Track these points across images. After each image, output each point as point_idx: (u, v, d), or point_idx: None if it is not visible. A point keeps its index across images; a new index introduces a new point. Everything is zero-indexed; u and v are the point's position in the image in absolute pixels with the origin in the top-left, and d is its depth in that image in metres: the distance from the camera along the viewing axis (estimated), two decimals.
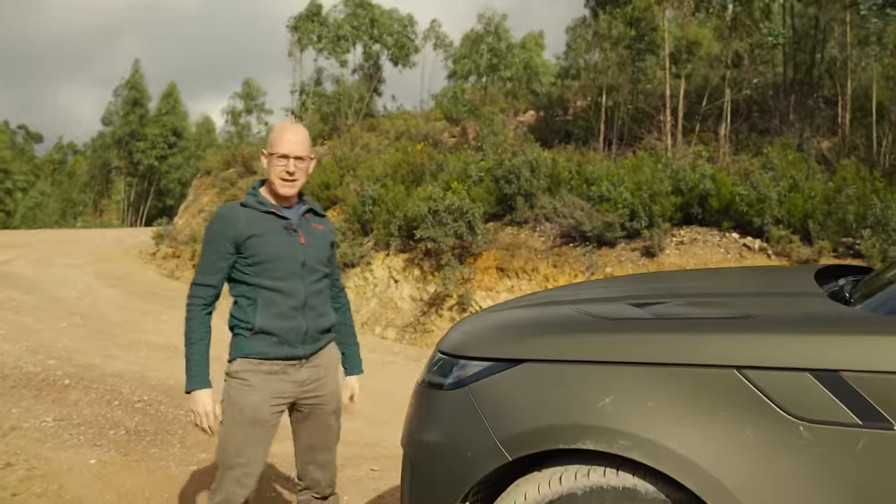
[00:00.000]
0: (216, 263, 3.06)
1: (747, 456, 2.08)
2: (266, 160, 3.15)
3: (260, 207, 3.10)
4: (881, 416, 1.97)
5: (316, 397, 3.18)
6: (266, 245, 3.05)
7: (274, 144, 3.10)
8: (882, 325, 2.15)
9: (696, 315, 2.62)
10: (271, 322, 3.01)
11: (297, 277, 3.08)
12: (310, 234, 3.18)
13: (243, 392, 3.01)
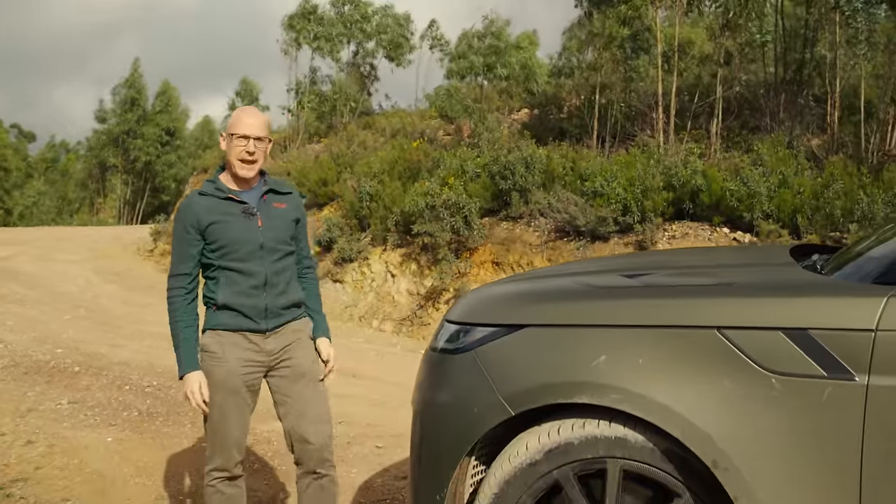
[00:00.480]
0: (186, 251, 3.22)
1: (725, 406, 2.33)
2: (225, 143, 3.27)
3: (218, 194, 3.24)
4: (844, 369, 2.21)
5: (287, 364, 3.31)
6: (226, 230, 3.20)
7: (233, 126, 3.22)
8: (849, 291, 2.39)
9: (681, 283, 2.87)
10: (233, 298, 3.19)
11: (256, 258, 3.23)
12: (269, 215, 3.29)
13: (213, 364, 3.20)
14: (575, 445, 2.50)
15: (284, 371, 3.32)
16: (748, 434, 2.30)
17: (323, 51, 23.23)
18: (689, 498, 2.43)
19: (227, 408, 3.22)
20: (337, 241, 14.47)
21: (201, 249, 3.22)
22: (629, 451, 2.46)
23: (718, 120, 15.23)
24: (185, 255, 3.22)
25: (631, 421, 2.46)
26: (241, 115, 3.26)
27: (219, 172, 3.35)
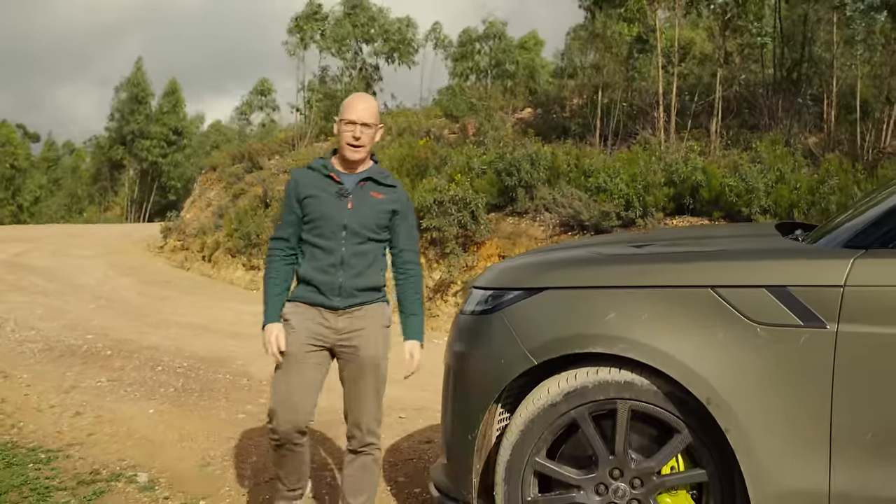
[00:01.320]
0: (286, 218, 3.48)
1: (718, 352, 2.75)
2: (336, 127, 3.48)
3: (322, 171, 3.47)
4: (817, 319, 2.64)
5: (352, 346, 3.46)
6: (317, 205, 3.41)
7: (344, 111, 3.42)
8: (823, 254, 2.81)
9: (680, 250, 3.30)
10: (311, 273, 3.43)
11: (338, 238, 3.39)
12: (361, 200, 3.43)
13: (287, 332, 3.43)
14: (590, 389, 2.93)
15: (350, 356, 3.49)
16: (737, 375, 2.73)
17: (331, 50, 23.66)
18: (687, 433, 2.86)
19: (291, 373, 3.41)
20: None
21: (300, 219, 3.44)
22: (636, 393, 2.89)
23: (718, 119, 15.64)
24: (286, 221, 3.49)
25: (637, 367, 2.89)
26: (353, 102, 3.45)
27: (332, 154, 3.56)
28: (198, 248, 19.52)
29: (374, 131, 3.47)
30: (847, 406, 2.61)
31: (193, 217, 22.05)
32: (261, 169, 21.30)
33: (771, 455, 2.69)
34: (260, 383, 6.82)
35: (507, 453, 3.04)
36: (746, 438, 2.70)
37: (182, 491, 4.25)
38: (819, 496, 2.64)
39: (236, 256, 17.53)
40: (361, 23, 23.70)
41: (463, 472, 3.20)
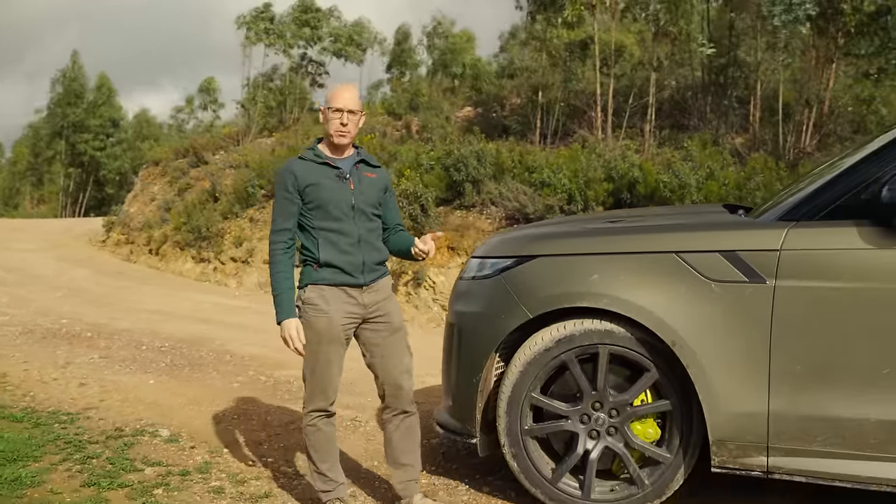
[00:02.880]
0: (288, 209, 3.55)
1: (681, 304, 3.45)
2: (323, 115, 3.62)
3: (315, 160, 3.60)
4: (759, 276, 3.35)
5: (381, 316, 3.64)
6: (321, 191, 3.53)
7: (330, 100, 3.58)
8: (764, 226, 3.52)
9: (650, 224, 4.00)
10: (334, 256, 3.53)
11: (349, 219, 3.55)
12: (360, 181, 3.63)
13: (317, 317, 3.53)
14: (577, 336, 3.60)
15: (380, 326, 3.65)
16: (697, 322, 3.42)
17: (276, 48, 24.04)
18: (655, 371, 3.55)
19: (331, 355, 3.56)
20: None
21: (300, 208, 3.56)
22: (614, 339, 3.57)
23: (652, 119, 16.54)
24: (286, 212, 3.56)
25: (616, 318, 3.56)
26: (338, 91, 3.63)
27: (317, 143, 3.73)
28: (144, 241, 19.74)
29: (359, 118, 3.67)
30: (782, 344, 3.32)
31: (138, 211, 22.20)
32: (206, 164, 21.57)
33: (723, 386, 3.39)
34: (242, 359, 7.35)
35: (508, 391, 3.70)
36: (704, 373, 3.40)
37: (204, 442, 4.79)
38: (760, 417, 3.35)
39: (185, 249, 17.84)
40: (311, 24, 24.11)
41: (467, 410, 3.86)
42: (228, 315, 10.81)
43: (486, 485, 4.13)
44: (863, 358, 3.26)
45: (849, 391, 3.27)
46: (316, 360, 3.57)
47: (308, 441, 3.68)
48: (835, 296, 3.28)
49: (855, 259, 3.27)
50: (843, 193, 3.35)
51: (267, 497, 3.95)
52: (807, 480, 3.37)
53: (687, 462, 3.62)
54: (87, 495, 3.87)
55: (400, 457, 3.72)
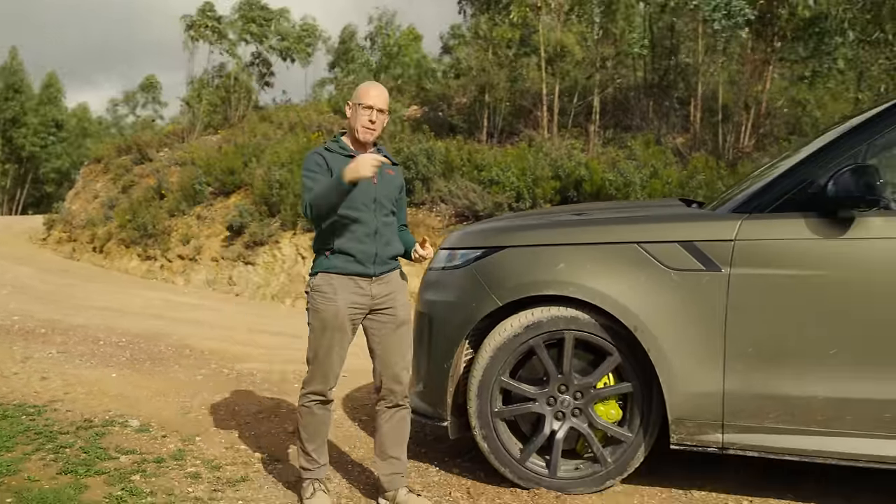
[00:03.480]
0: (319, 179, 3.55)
1: (642, 291, 3.66)
2: (350, 110, 3.69)
3: (341, 152, 3.66)
4: (715, 264, 3.58)
5: (388, 308, 3.69)
6: None
7: (361, 97, 3.63)
8: (719, 217, 3.75)
9: (613, 216, 4.21)
10: (348, 244, 3.59)
11: (369, 210, 3.62)
12: (382, 177, 3.68)
13: (325, 303, 3.59)
14: (544, 322, 3.80)
15: (386, 318, 3.70)
16: (657, 308, 3.64)
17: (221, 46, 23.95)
18: (618, 355, 3.77)
19: (334, 342, 3.61)
20: (248, 225, 15.36)
21: None
22: (579, 325, 3.78)
23: (596, 119, 16.90)
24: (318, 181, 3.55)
25: (581, 305, 3.77)
26: (369, 88, 3.69)
27: (340, 136, 3.79)
28: (87, 239, 19.53)
29: (385, 117, 3.73)
30: (736, 328, 3.56)
31: (80, 208, 21.94)
32: (150, 161, 21.41)
33: (681, 368, 3.62)
34: (202, 354, 7.42)
35: (479, 374, 3.88)
36: (664, 356, 3.62)
37: (175, 431, 4.88)
38: (716, 396, 3.59)
39: (130, 247, 17.71)
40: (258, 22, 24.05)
41: (439, 394, 4.03)
42: (181, 311, 10.82)
43: (455, 466, 4.31)
44: (811, 340, 3.52)
45: (798, 371, 3.53)
46: (319, 345, 3.64)
47: (300, 420, 3.76)
48: (784, 283, 3.53)
49: (802, 248, 3.53)
50: (792, 187, 3.60)
51: (244, 481, 4.07)
52: (759, 455, 3.62)
53: (647, 441, 3.84)
54: (66, 482, 3.94)
55: (388, 449, 3.79)
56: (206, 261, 15.89)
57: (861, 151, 3.57)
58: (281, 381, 6.39)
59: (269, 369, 6.88)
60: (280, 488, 3.99)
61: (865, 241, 3.47)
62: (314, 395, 3.72)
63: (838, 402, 3.49)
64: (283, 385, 6.27)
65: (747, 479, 4.15)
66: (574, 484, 3.88)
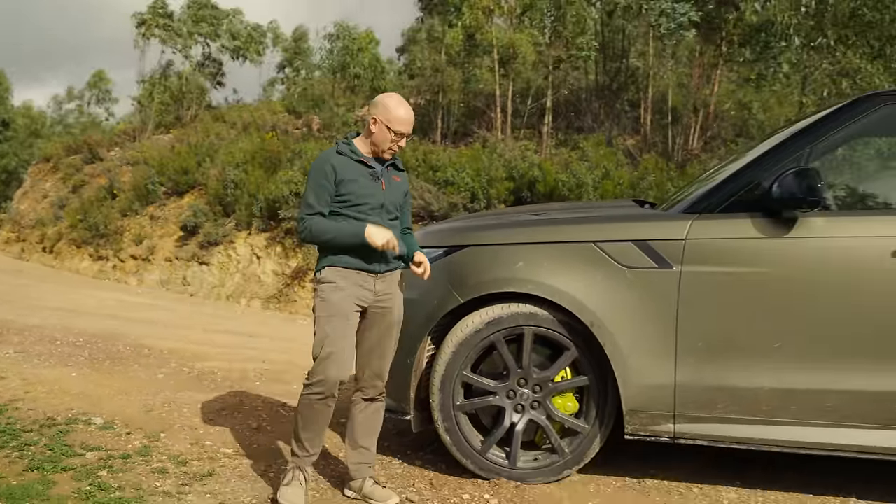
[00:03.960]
0: (323, 196, 3.65)
1: (598, 288, 3.83)
2: (376, 126, 3.71)
3: (353, 156, 3.72)
4: (667, 262, 3.76)
5: (385, 306, 3.79)
6: (357, 187, 3.68)
7: (394, 122, 3.68)
8: (671, 218, 3.93)
9: (570, 216, 4.37)
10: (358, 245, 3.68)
11: (377, 214, 3.72)
12: (389, 183, 3.81)
13: (333, 291, 3.66)
14: (504, 318, 3.94)
15: (382, 315, 3.80)
16: (612, 304, 3.81)
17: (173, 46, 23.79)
18: (574, 350, 3.93)
19: (343, 329, 3.67)
20: (202, 225, 15.34)
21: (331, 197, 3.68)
22: (538, 321, 3.93)
23: (549, 120, 17.14)
24: (323, 200, 3.66)
25: (539, 302, 3.92)
26: (402, 113, 3.72)
27: (353, 136, 3.84)
28: (37, 239, 19.33)
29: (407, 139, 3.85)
30: (687, 323, 3.74)
31: (29, 208, 21.67)
32: (101, 160, 21.21)
33: (635, 361, 3.79)
34: (161, 353, 7.45)
35: (441, 369, 4.01)
36: (619, 350, 3.79)
37: (139, 428, 4.93)
38: (668, 388, 3.77)
39: (82, 247, 17.57)
40: (209, 21, 23.93)
41: (402, 390, 4.15)
42: (136, 311, 10.80)
43: (417, 459, 4.44)
44: (757, 334, 3.71)
45: (745, 364, 3.72)
46: (326, 335, 3.66)
47: (298, 410, 3.76)
48: (732, 279, 3.72)
49: (749, 247, 3.72)
50: (739, 189, 3.80)
51: (211, 475, 4.15)
52: (709, 444, 3.81)
53: (602, 432, 4.01)
54: (33, 478, 3.99)
55: (359, 439, 3.88)
56: (160, 261, 15.83)
57: (804, 155, 3.77)
58: (242, 380, 6.46)
59: (229, 367, 6.94)
60: (247, 482, 4.08)
61: (807, 239, 3.67)
62: (317, 390, 3.69)
63: (783, 393, 3.68)
64: (244, 383, 6.34)
65: (697, 468, 4.34)
66: (533, 474, 4.03)
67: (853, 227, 3.72)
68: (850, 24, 12.20)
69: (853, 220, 3.84)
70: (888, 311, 3.60)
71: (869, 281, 3.62)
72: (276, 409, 5.52)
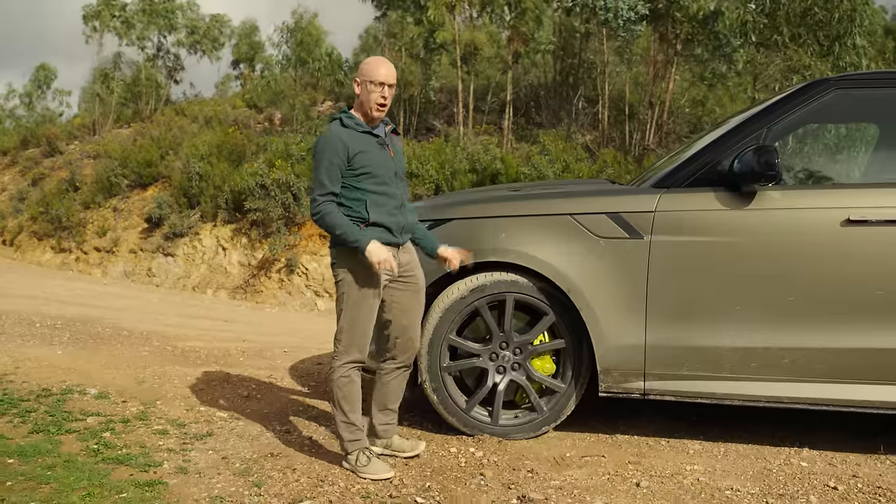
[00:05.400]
0: (334, 174, 3.66)
1: (575, 257, 4.15)
2: (359, 87, 3.72)
3: (358, 128, 3.72)
4: (637, 232, 4.10)
5: (411, 276, 3.92)
6: (369, 158, 3.70)
7: (371, 74, 3.68)
8: (641, 192, 4.27)
9: (548, 192, 4.70)
10: (382, 217, 3.72)
11: (393, 183, 3.78)
12: (395, 149, 3.86)
13: (364, 268, 3.69)
14: (488, 286, 4.25)
15: (407, 285, 3.91)
16: (587, 271, 4.14)
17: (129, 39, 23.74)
18: (552, 315, 4.25)
19: (373, 307, 3.80)
20: (167, 217, 15.44)
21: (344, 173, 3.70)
22: (519, 288, 4.24)
23: (510, 115, 17.50)
24: (334, 177, 3.66)
25: (520, 270, 4.24)
26: (379, 65, 3.72)
27: (348, 109, 3.83)
28: None
29: (394, 91, 3.80)
30: (656, 288, 4.08)
31: None
32: (60, 153, 21.14)
33: (609, 324, 4.12)
34: (142, 334, 7.64)
35: (429, 334, 4.31)
36: (593, 314, 4.12)
37: (134, 397, 5.16)
38: (639, 348, 4.11)
39: (44, 240, 17.57)
40: (163, 14, 23.90)
41: None
42: (107, 300, 10.93)
43: (404, 420, 4.71)
44: (719, 298, 4.07)
45: (708, 325, 4.07)
46: (358, 312, 3.76)
47: (340, 392, 3.82)
48: (697, 249, 4.07)
49: (712, 218, 4.07)
50: (704, 165, 4.15)
51: (210, 435, 4.40)
52: (676, 399, 4.16)
53: (578, 391, 4.34)
54: (39, 439, 4.22)
55: (388, 403, 4.08)
56: (124, 253, 15.90)
57: (762, 134, 4.13)
58: (225, 356, 6.70)
59: (210, 346, 7.17)
60: (245, 441, 4.33)
61: (765, 211, 4.03)
62: (352, 363, 3.81)
63: (744, 351, 4.04)
64: (228, 359, 6.58)
65: (663, 426, 4.69)
66: (514, 430, 4.35)
67: (806, 200, 4.10)
68: (802, 23, 12.71)
69: (806, 193, 4.24)
70: (838, 275, 3.97)
71: (821, 248, 3.99)
72: (263, 380, 5.77)
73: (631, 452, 4.25)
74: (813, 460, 4.14)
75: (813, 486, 3.77)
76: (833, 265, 3.98)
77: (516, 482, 3.76)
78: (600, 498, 3.59)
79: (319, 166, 3.70)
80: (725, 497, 3.62)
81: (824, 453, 4.24)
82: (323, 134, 3.79)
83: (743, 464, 4.09)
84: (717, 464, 4.08)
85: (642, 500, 3.58)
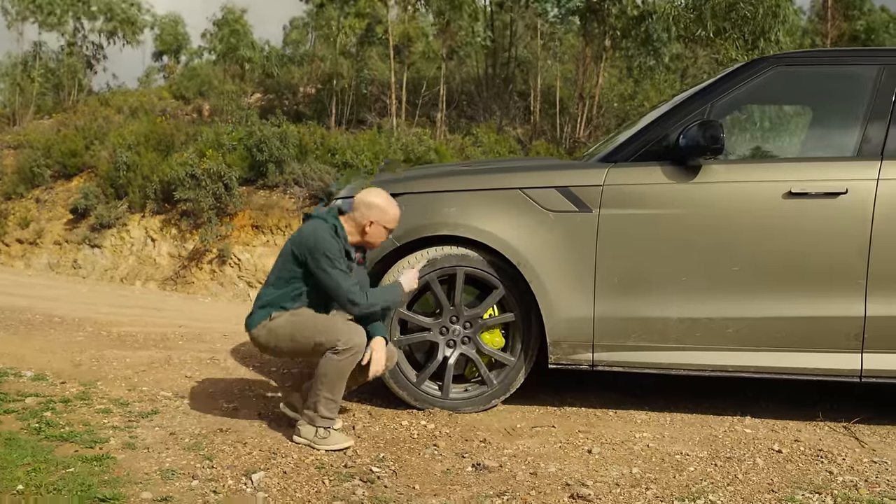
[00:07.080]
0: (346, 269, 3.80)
1: (525, 231, 4.20)
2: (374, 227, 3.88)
3: (343, 244, 3.85)
4: (587, 206, 4.16)
5: None
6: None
7: (390, 222, 3.91)
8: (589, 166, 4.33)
9: (498, 167, 4.74)
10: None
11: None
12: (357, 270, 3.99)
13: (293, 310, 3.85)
14: (438, 260, 4.27)
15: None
16: (537, 245, 4.18)
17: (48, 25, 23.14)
18: (502, 289, 4.29)
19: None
20: (94, 208, 15.09)
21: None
22: (469, 262, 4.27)
23: (443, 108, 17.56)
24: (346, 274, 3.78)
25: (471, 244, 4.27)
26: (397, 211, 3.95)
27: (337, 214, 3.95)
28: None
29: None
30: (604, 260, 4.15)
31: None
32: None
33: (558, 297, 4.18)
34: (75, 320, 7.45)
35: None
36: (543, 287, 4.17)
37: (72, 378, 5.03)
38: (587, 320, 4.17)
39: None
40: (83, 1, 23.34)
41: None
42: (35, 290, 10.65)
43: (354, 396, 4.71)
44: (665, 270, 4.16)
45: (655, 297, 4.16)
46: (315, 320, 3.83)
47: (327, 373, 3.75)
48: (644, 221, 4.15)
49: (659, 192, 4.16)
50: (650, 140, 4.23)
51: (155, 413, 4.32)
52: (623, 370, 4.23)
53: (527, 364, 4.38)
54: None
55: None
56: (48, 244, 15.50)
57: (706, 110, 4.23)
58: (163, 339, 6.58)
59: (146, 331, 7.04)
60: (192, 418, 4.26)
61: (709, 184, 4.13)
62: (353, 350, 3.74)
63: (689, 322, 4.13)
64: (167, 342, 6.47)
65: (610, 399, 4.78)
66: (464, 404, 4.38)
67: (750, 173, 4.21)
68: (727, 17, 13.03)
69: (750, 166, 4.35)
70: (781, 245, 4.09)
71: (764, 219, 4.10)
72: (204, 361, 5.69)
73: (580, 423, 4.32)
74: (756, 427, 4.26)
75: (758, 449, 3.89)
76: (775, 237, 4.09)
77: (470, 451, 3.79)
78: (554, 464, 3.63)
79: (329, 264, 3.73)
80: (676, 461, 3.71)
81: (766, 421, 4.37)
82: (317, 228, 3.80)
83: (689, 431, 4.19)
84: (664, 431, 4.18)
85: (595, 465, 3.65)
